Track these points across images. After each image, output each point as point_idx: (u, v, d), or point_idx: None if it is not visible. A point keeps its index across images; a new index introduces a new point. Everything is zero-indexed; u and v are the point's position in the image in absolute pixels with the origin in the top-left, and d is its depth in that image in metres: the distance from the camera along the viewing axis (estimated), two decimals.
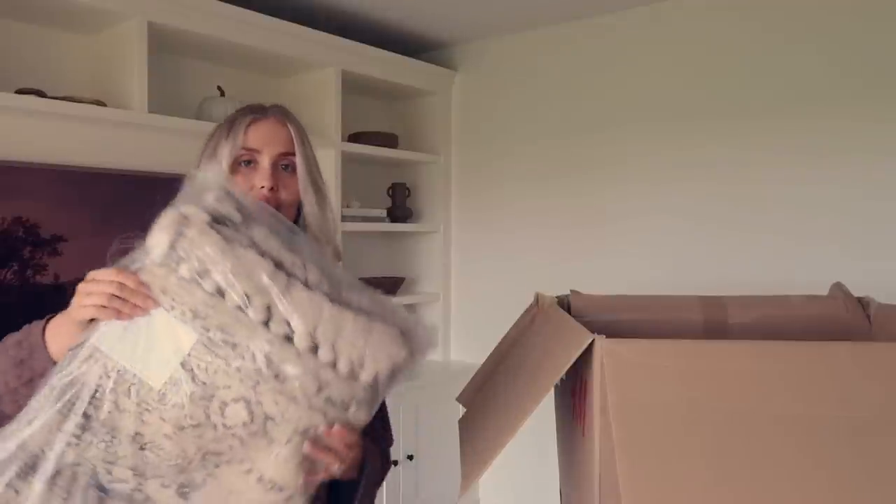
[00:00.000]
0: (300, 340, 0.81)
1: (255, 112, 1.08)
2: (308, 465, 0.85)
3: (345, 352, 0.83)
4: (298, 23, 2.46)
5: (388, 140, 2.95)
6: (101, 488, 0.80)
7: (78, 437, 0.79)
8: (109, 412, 0.79)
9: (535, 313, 1.27)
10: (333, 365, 0.83)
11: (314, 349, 0.82)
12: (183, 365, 0.80)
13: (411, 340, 0.88)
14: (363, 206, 2.94)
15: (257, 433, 0.82)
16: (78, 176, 2.07)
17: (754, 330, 1.23)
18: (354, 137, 2.84)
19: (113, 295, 0.81)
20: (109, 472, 0.80)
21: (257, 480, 0.83)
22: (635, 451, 0.81)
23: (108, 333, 0.81)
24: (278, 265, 0.83)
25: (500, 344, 1.28)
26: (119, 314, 0.81)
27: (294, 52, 2.49)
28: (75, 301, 0.84)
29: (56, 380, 0.80)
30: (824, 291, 1.28)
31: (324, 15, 2.62)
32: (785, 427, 0.81)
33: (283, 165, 1.07)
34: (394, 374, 0.88)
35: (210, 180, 0.86)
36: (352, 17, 2.67)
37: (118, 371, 0.79)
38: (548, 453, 1.51)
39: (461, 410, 1.25)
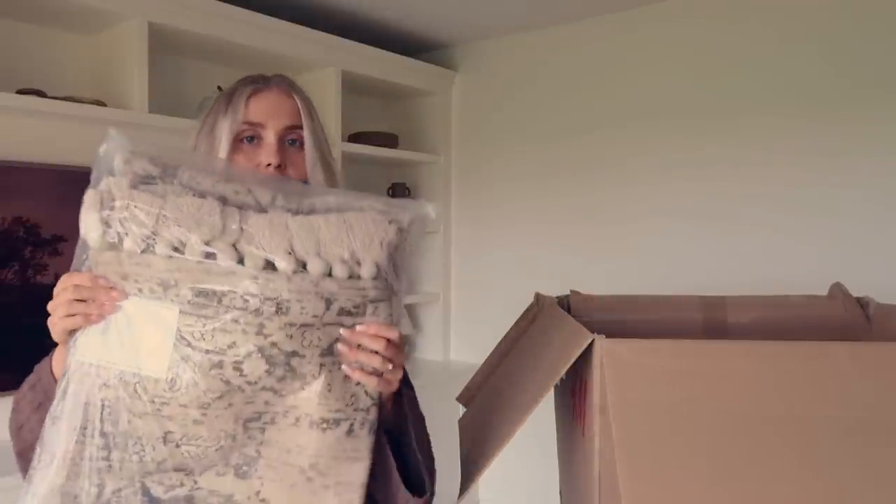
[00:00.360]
0: (283, 263, 0.74)
1: (257, 82, 0.97)
2: (353, 383, 0.79)
3: (334, 255, 0.76)
4: (298, 23, 2.46)
5: (388, 140, 2.95)
6: (158, 501, 0.74)
7: (106, 458, 0.72)
8: (128, 421, 0.72)
9: (535, 313, 1.27)
10: (329, 273, 0.76)
11: (302, 266, 0.75)
12: (178, 342, 0.72)
13: (396, 213, 0.81)
14: None
15: (285, 377, 0.75)
16: (78, 176, 2.05)
17: (754, 330, 1.23)
18: (354, 137, 2.84)
19: (72, 300, 0.73)
20: (160, 483, 0.74)
21: (309, 426, 0.76)
22: (635, 451, 0.81)
23: (88, 342, 0.74)
24: (222, 200, 0.75)
25: (500, 344, 1.28)
26: (88, 318, 0.73)
27: (294, 52, 2.49)
28: (49, 323, 0.77)
29: (58, 410, 0.73)
30: (824, 291, 1.28)
31: (323, 15, 2.62)
32: (784, 427, 0.81)
33: (289, 140, 0.96)
34: (394, 258, 0.80)
35: (112, 147, 0.77)
36: (351, 17, 2.67)
37: (116, 377, 0.72)
38: (548, 453, 1.51)
39: (461, 410, 1.25)
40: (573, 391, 1.01)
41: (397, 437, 0.88)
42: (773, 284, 1.62)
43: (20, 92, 1.89)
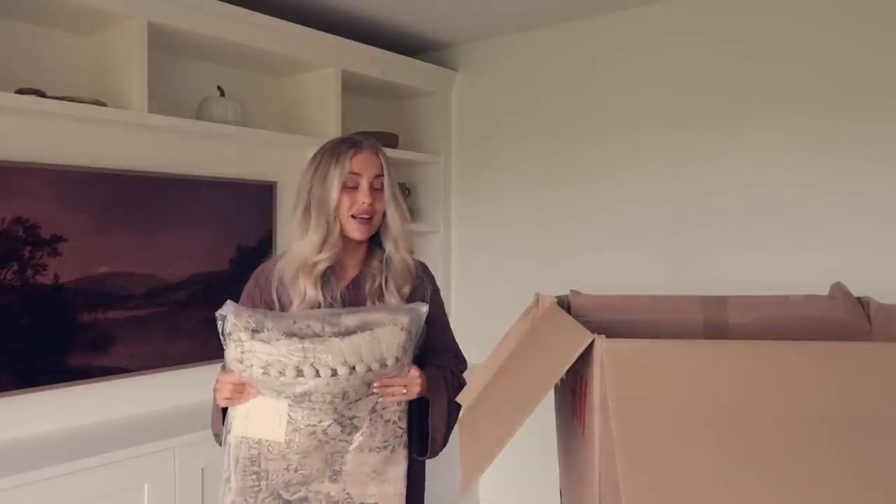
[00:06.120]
0: (341, 371, 1.24)
1: (356, 145, 1.44)
2: (390, 423, 1.33)
3: (371, 361, 1.27)
4: (298, 23, 2.47)
5: (388, 140, 2.95)
6: (288, 502, 1.29)
7: (257, 484, 1.28)
8: (266, 464, 1.28)
9: (535, 313, 1.27)
10: (369, 369, 1.27)
11: (353, 369, 1.25)
12: (289, 421, 1.26)
13: (399, 318, 1.30)
14: None
15: (351, 431, 1.30)
16: (78, 176, 2.07)
17: (754, 330, 1.23)
18: None
19: (231, 390, 1.28)
20: (287, 491, 1.29)
21: (368, 451, 1.31)
22: (635, 450, 0.81)
23: (239, 421, 1.28)
24: (296, 335, 1.25)
25: (500, 344, 1.28)
26: (234, 402, 1.29)
27: (294, 52, 2.49)
28: (216, 393, 1.32)
29: (227, 465, 1.29)
30: (824, 291, 1.28)
31: (324, 15, 2.62)
32: (785, 427, 0.81)
33: (376, 186, 1.43)
34: (406, 346, 1.31)
35: (227, 311, 1.27)
36: (352, 17, 2.67)
37: (256, 441, 1.27)
38: (548, 453, 1.51)
39: (461, 410, 1.24)
40: (573, 391, 1.01)
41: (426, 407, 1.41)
42: (774, 284, 1.62)
43: (20, 92, 1.89)
